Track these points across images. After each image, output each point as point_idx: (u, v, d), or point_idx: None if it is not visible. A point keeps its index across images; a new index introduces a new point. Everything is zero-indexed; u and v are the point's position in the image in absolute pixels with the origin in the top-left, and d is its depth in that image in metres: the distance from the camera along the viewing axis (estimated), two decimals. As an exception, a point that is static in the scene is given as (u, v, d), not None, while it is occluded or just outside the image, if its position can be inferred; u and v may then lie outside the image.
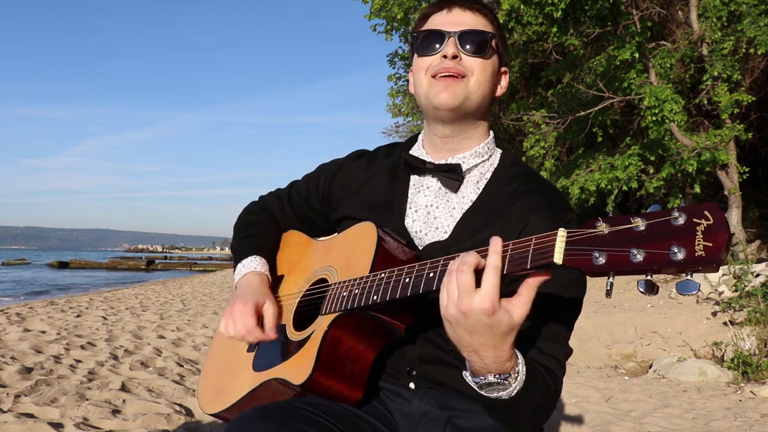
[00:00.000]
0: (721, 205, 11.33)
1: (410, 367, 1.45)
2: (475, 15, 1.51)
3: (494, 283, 1.05)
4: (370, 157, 1.69)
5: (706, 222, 0.88)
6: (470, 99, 1.47)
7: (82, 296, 15.39)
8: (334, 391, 1.34)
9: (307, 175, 1.78)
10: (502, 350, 1.09)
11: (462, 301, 1.05)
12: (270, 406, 1.29)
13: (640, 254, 0.90)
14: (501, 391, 1.14)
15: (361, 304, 1.30)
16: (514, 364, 1.13)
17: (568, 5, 12.36)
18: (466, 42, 1.47)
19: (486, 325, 1.05)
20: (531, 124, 16.29)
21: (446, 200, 1.51)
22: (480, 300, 1.04)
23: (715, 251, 0.85)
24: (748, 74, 14.27)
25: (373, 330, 1.37)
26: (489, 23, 1.52)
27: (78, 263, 52.87)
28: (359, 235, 1.45)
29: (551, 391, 1.26)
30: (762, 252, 14.97)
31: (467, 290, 1.05)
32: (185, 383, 4.77)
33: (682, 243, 0.88)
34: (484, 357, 1.10)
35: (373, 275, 1.32)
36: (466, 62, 1.46)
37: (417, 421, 1.44)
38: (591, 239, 0.96)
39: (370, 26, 17.44)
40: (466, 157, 1.52)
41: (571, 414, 4.23)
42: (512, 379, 1.13)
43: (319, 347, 1.31)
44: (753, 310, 6.12)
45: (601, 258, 0.94)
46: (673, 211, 0.90)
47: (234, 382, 1.56)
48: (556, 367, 1.31)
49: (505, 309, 1.06)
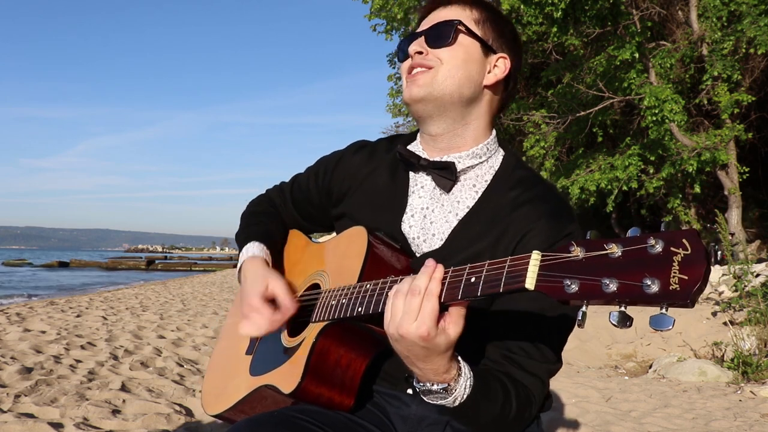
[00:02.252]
0: (720, 206, 11.22)
1: (408, 374, 1.44)
2: (447, 8, 1.47)
3: (431, 309, 1.07)
4: (371, 149, 1.63)
5: (683, 252, 0.82)
6: (438, 87, 1.41)
7: (82, 296, 15.39)
8: (324, 399, 1.34)
9: (308, 168, 1.73)
10: (439, 364, 1.12)
11: (402, 324, 1.08)
12: (262, 417, 1.29)
13: (612, 284, 0.86)
14: (443, 400, 1.16)
15: (347, 314, 1.28)
16: (455, 376, 1.15)
17: (568, 5, 12.37)
18: (431, 37, 1.44)
19: (422, 347, 1.09)
20: (531, 124, 16.30)
21: (441, 204, 1.46)
22: (417, 325, 1.07)
23: (691, 285, 0.80)
24: (748, 74, 14.27)
25: (363, 339, 1.36)
26: (462, 10, 1.46)
27: (78, 263, 52.92)
28: (351, 241, 1.43)
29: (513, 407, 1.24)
30: (762, 252, 14.98)
31: (409, 314, 1.08)
32: (185, 383, 4.77)
33: (656, 274, 0.82)
34: (422, 368, 1.13)
35: (359, 285, 1.30)
36: (432, 55, 1.43)
37: (416, 424, 1.43)
38: (565, 265, 0.92)
39: (370, 26, 17.47)
40: (462, 157, 1.46)
41: (571, 414, 4.23)
42: (452, 390, 1.15)
43: (307, 357, 1.31)
44: (753, 310, 6.12)
45: (573, 286, 0.90)
46: (649, 237, 0.85)
47: (232, 385, 1.57)
48: (535, 385, 1.30)
49: (441, 330, 1.08)
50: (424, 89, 1.41)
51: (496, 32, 1.47)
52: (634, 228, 0.91)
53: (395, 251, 1.41)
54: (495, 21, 1.48)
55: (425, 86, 1.41)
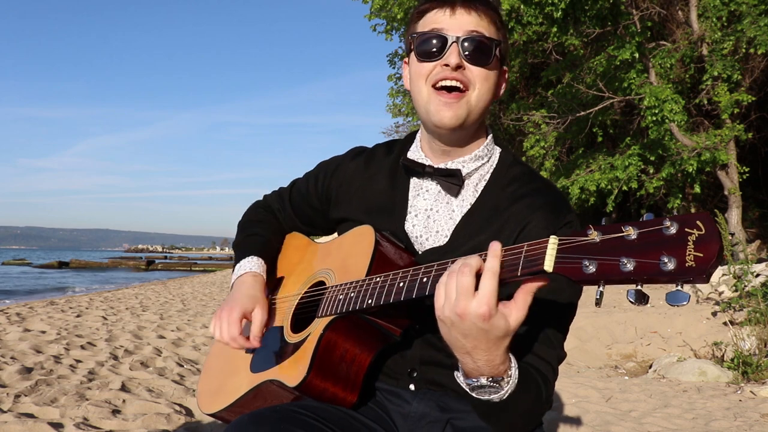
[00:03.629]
0: (721, 205, 11.23)
1: (411, 368, 1.45)
2: (480, 16, 1.39)
3: (492, 287, 1.03)
4: (368, 155, 1.64)
5: (698, 232, 0.86)
6: (471, 114, 1.40)
7: (82, 296, 15.39)
8: (329, 394, 1.34)
9: (307, 173, 1.75)
10: (496, 354, 1.08)
11: (459, 304, 1.04)
12: (265, 411, 1.29)
13: (630, 263, 0.89)
14: (492, 394, 1.12)
15: (356, 307, 1.30)
16: (507, 367, 1.11)
17: (568, 5, 12.37)
18: (469, 49, 1.37)
19: (481, 329, 1.04)
20: (531, 124, 16.30)
21: (446, 203, 1.49)
22: (477, 304, 1.02)
23: (706, 262, 0.84)
24: (748, 74, 14.27)
25: (369, 333, 1.37)
26: (493, 25, 1.42)
27: (78, 263, 52.90)
28: (357, 239, 1.44)
29: (542, 395, 1.24)
30: (762, 252, 14.97)
31: (465, 293, 1.03)
32: (185, 383, 4.77)
33: (672, 253, 0.86)
34: (477, 360, 1.09)
35: (368, 279, 1.31)
36: (468, 72, 1.38)
37: (416, 422, 1.44)
38: (582, 247, 0.95)
39: (370, 26, 17.46)
40: (466, 161, 1.47)
41: (571, 414, 4.23)
42: (504, 383, 1.12)
43: (314, 350, 1.32)
44: (753, 310, 6.12)
45: (591, 266, 0.93)
46: (665, 219, 0.89)
47: (232, 383, 1.57)
48: (549, 372, 1.30)
49: (501, 314, 1.04)
50: (460, 120, 1.39)
51: (506, 47, 1.47)
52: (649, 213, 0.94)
53: (400, 249, 1.42)
54: (506, 35, 1.47)
55: (461, 117, 1.39)
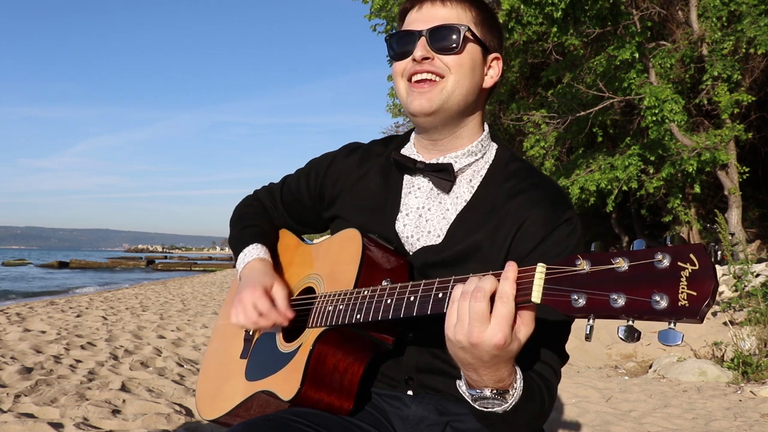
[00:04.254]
0: (721, 205, 11.21)
1: (408, 376, 1.43)
2: (447, 6, 1.40)
3: (508, 314, 0.98)
4: (364, 151, 1.62)
5: (691, 267, 0.82)
6: (450, 100, 1.39)
7: (82, 296, 15.40)
8: (324, 404, 1.34)
9: (298, 170, 1.71)
10: (505, 371, 1.05)
11: (473, 332, 0.99)
12: (258, 420, 1.29)
13: (620, 299, 0.86)
14: (496, 407, 1.09)
15: (345, 321, 1.28)
16: (513, 380, 1.09)
17: (568, 5, 12.36)
18: (435, 39, 1.37)
19: (494, 356, 1.01)
20: (531, 124, 16.30)
21: (439, 202, 1.46)
22: (492, 333, 0.98)
23: (700, 301, 0.80)
24: (748, 74, 14.27)
25: (360, 343, 1.36)
26: (464, 11, 1.41)
27: (78, 263, 52.88)
28: (345, 244, 1.42)
29: (546, 402, 1.23)
30: (762, 252, 14.97)
31: (480, 320, 0.99)
32: (185, 383, 4.76)
33: (664, 290, 0.82)
34: (482, 375, 1.06)
35: (356, 292, 1.29)
36: (439, 61, 1.38)
37: (415, 425, 1.43)
38: (570, 278, 0.92)
39: (370, 26, 17.45)
40: (458, 157, 1.45)
41: (571, 414, 4.23)
42: (509, 396, 1.09)
43: (306, 363, 1.31)
44: (753, 310, 6.12)
45: (580, 300, 0.90)
46: (656, 252, 0.85)
47: (228, 389, 1.56)
48: (551, 376, 1.29)
49: (515, 336, 1.01)
50: (435, 104, 1.38)
51: (491, 33, 1.46)
52: (639, 240, 0.91)
53: (389, 252, 1.40)
54: (490, 20, 1.46)
55: (435, 101, 1.38)
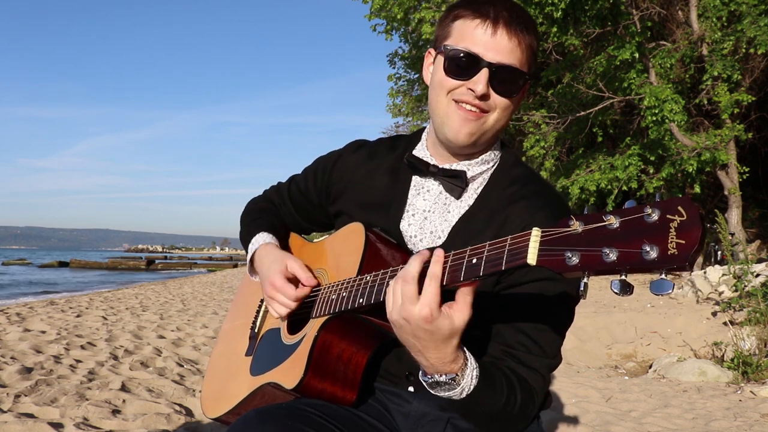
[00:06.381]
0: (721, 205, 11.22)
1: (408, 372, 1.45)
2: (519, 43, 1.35)
3: (434, 291, 1.10)
4: (370, 149, 1.63)
5: (679, 218, 0.84)
6: (487, 133, 1.41)
7: (82, 296, 15.39)
8: (327, 394, 1.35)
9: (306, 169, 1.74)
10: (445, 352, 1.13)
11: (404, 308, 1.11)
12: (271, 408, 1.30)
13: (612, 253, 0.88)
14: (450, 391, 1.17)
15: (348, 306, 1.30)
16: (462, 366, 1.16)
17: (568, 5, 12.36)
18: (499, 80, 1.35)
19: (426, 330, 1.10)
20: (531, 124, 16.28)
21: (444, 205, 1.48)
22: (419, 308, 1.10)
23: (688, 249, 0.82)
24: (748, 74, 14.26)
25: (364, 332, 1.37)
26: (529, 52, 1.38)
27: (78, 263, 52.91)
28: (348, 237, 1.44)
29: (517, 400, 1.25)
30: (762, 252, 14.97)
31: (409, 298, 1.11)
32: (185, 383, 4.76)
33: (654, 241, 0.85)
34: (428, 357, 1.14)
35: (359, 278, 1.32)
36: (492, 100, 1.37)
37: (417, 421, 1.44)
38: (565, 239, 0.95)
39: (370, 26, 17.44)
40: (472, 165, 1.46)
41: (571, 414, 4.23)
42: (460, 379, 1.16)
43: (309, 351, 1.32)
44: (753, 310, 6.12)
45: (574, 258, 0.92)
46: (646, 207, 0.88)
47: (233, 386, 1.57)
48: (536, 380, 1.30)
49: (444, 315, 1.10)
50: (473, 138, 1.40)
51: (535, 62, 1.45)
52: (631, 200, 0.93)
53: (393, 247, 1.42)
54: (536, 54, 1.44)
55: (475, 135, 1.40)
